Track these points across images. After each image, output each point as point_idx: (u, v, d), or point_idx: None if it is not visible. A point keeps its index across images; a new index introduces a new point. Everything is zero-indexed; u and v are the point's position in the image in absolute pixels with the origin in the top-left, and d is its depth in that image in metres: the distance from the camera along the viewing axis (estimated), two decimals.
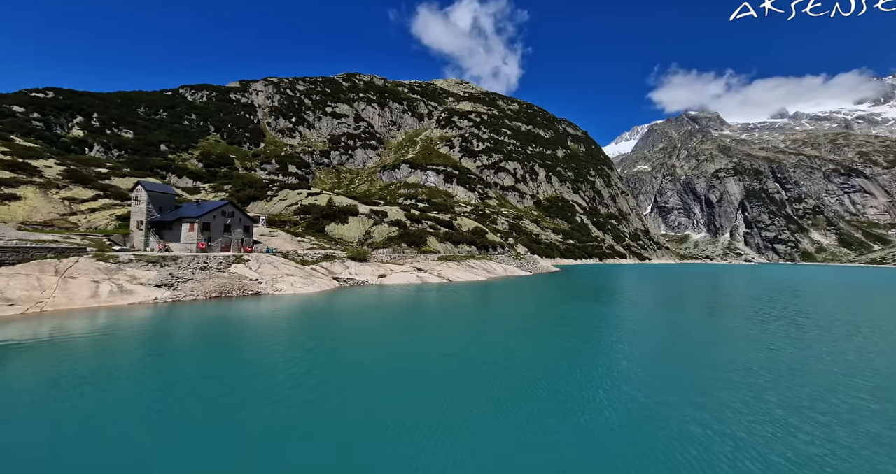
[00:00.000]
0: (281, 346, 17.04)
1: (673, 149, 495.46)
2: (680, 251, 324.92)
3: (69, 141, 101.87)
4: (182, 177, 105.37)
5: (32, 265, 25.69)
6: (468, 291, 41.09)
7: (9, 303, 21.63)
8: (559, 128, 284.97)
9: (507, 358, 16.15)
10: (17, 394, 11.01)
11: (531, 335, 21.76)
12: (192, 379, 12.68)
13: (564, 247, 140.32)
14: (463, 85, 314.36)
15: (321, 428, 9.63)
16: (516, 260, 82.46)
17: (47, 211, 40.20)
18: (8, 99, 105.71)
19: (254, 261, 37.81)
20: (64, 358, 14.32)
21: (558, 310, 30.73)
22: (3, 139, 53.13)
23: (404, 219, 73.71)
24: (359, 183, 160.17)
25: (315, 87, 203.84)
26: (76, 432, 9.08)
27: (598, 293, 44.35)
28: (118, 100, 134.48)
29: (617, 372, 14.81)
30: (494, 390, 12.43)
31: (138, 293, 26.72)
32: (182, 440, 8.89)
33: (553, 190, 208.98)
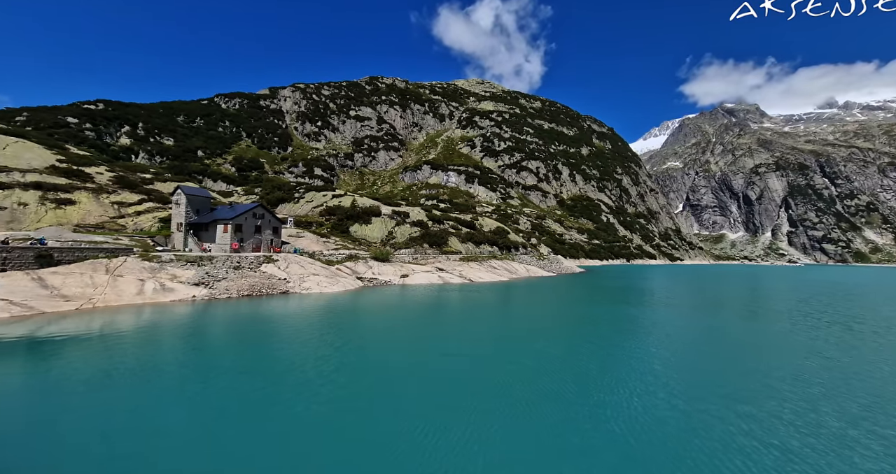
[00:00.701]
0: (310, 344, 17.53)
1: (707, 144, 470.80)
2: (715, 251, 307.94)
3: (117, 149, 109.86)
4: (217, 181, 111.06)
5: (86, 264, 27.86)
6: (490, 292, 40.76)
7: (65, 299, 23.55)
8: (583, 126, 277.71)
9: (533, 360, 15.85)
10: (73, 385, 11.93)
11: (557, 337, 21.26)
12: (230, 373, 13.27)
13: (589, 248, 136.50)
14: (484, 84, 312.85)
15: (352, 425, 9.76)
16: (539, 260, 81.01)
17: (99, 214, 43.49)
18: (63, 111, 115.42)
19: (282, 260, 39.23)
20: (114, 352, 15.41)
21: (584, 311, 29.88)
22: (60, 148, 58.07)
23: (426, 219, 74.19)
24: (381, 184, 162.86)
25: (339, 92, 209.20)
26: (125, 421, 9.72)
27: (626, 294, 42.76)
28: (160, 109, 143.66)
29: (651, 376, 14.16)
30: (523, 392, 12.20)
31: (178, 291, 28.37)
32: (221, 432, 9.30)
33: (577, 189, 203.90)
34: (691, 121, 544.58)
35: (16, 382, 12.32)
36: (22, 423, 9.61)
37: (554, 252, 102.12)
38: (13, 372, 13.14)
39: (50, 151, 53.06)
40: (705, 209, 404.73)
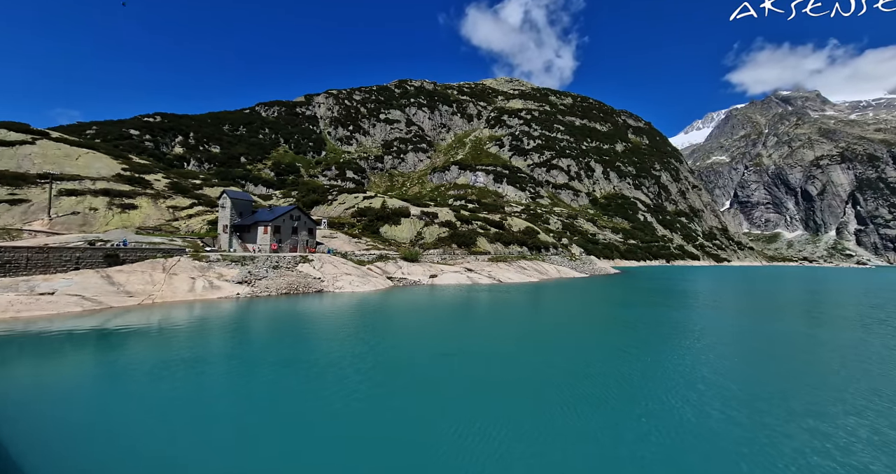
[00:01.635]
0: (347, 342, 18.13)
1: (758, 135, 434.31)
2: (768, 252, 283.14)
3: (172, 157, 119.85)
4: (257, 185, 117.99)
5: (146, 263, 30.66)
6: (520, 293, 40.14)
7: (129, 295, 26.05)
8: (618, 121, 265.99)
9: (570, 363, 15.42)
10: (136, 375, 13.19)
11: (594, 340, 20.50)
12: (273, 368, 14.07)
13: (625, 248, 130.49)
14: (513, 82, 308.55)
15: (390, 423, 9.90)
16: (570, 261, 78.62)
17: (157, 217, 47.70)
18: (126, 124, 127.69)
19: (317, 260, 40.95)
20: (171, 344, 16.85)
21: (621, 314, 28.59)
22: (124, 158, 64.34)
23: (454, 219, 74.39)
24: (410, 185, 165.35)
25: (370, 96, 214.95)
26: (183, 409, 10.61)
27: (667, 296, 40.39)
28: (208, 120, 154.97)
29: (703, 384, 13.21)
30: (562, 396, 11.82)
31: (224, 288, 30.48)
32: (268, 423, 9.86)
33: (611, 186, 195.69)
34: (740, 111, 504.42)
35: (89, 370, 13.83)
36: (95, 407, 10.78)
37: (586, 252, 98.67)
38: (86, 360, 14.76)
39: (116, 161, 58.85)
40: (756, 206, 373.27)
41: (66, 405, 10.71)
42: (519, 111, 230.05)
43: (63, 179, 46.61)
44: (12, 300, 21.65)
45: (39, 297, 22.63)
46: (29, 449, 8.09)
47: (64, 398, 11.20)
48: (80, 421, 9.75)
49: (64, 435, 8.93)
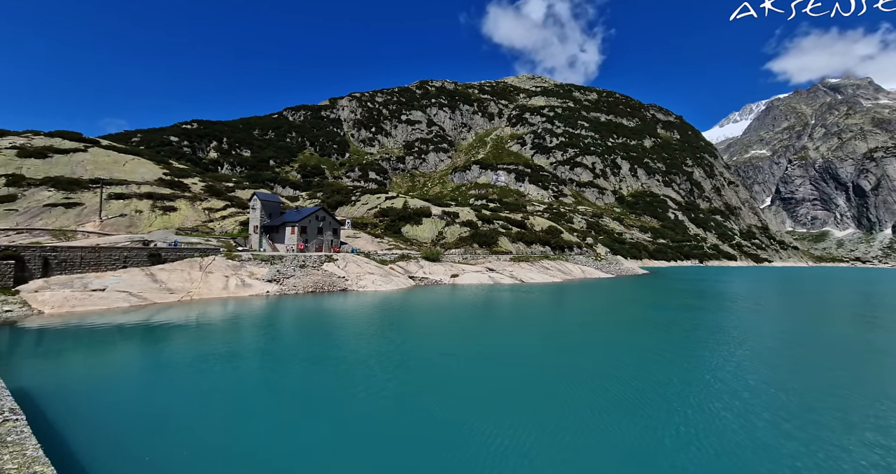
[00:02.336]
0: (373, 340, 18.44)
1: (803, 127, 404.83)
2: (815, 251, 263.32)
3: (207, 161, 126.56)
4: (285, 187, 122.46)
5: (185, 262, 32.54)
6: (544, 293, 39.43)
7: (170, 292, 27.75)
8: (646, 116, 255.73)
9: (599, 366, 14.94)
10: (179, 367, 14.04)
11: (623, 342, 19.74)
12: (303, 364, 14.56)
13: (654, 248, 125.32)
14: (535, 79, 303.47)
15: (417, 422, 9.92)
16: (595, 261, 76.39)
17: (194, 218, 50.53)
18: (167, 131, 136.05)
19: (341, 260, 42.00)
20: (208, 339, 17.81)
21: (653, 316, 27.45)
22: (165, 163, 68.64)
23: (475, 219, 74.11)
24: (431, 185, 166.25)
25: (392, 98, 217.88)
26: (220, 401, 11.19)
27: (702, 298, 38.35)
28: (240, 125, 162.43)
29: (748, 393, 12.36)
30: (594, 400, 11.44)
31: (255, 286, 31.86)
32: (301, 420, 10.18)
33: (639, 184, 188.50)
34: (782, 101, 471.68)
35: (137, 362, 14.85)
36: (143, 396, 11.56)
37: (612, 252, 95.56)
38: (134, 353, 15.86)
39: (158, 166, 62.84)
40: (801, 203, 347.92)
41: (116, 393, 11.55)
42: (541, 108, 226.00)
43: (112, 184, 50.27)
44: (68, 296, 23.60)
45: (92, 293, 24.54)
46: (84, 431, 8.79)
47: (114, 387, 12.09)
48: (129, 408, 10.49)
49: (114, 420, 9.64)
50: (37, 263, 25.61)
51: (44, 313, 21.34)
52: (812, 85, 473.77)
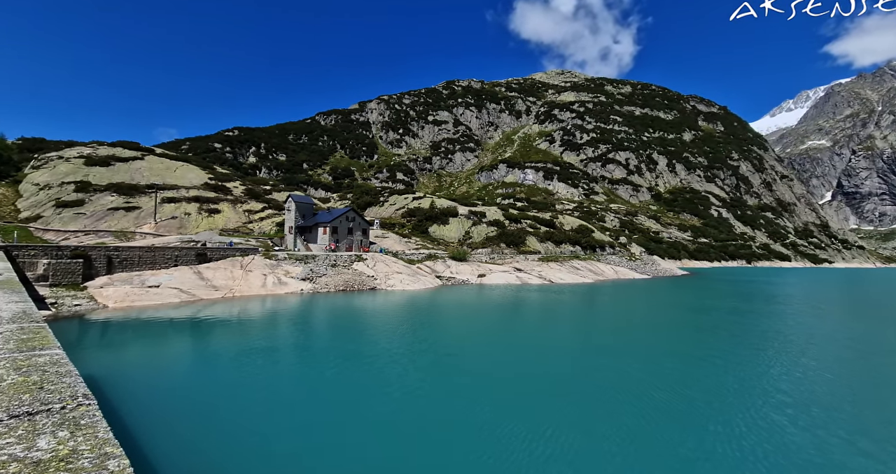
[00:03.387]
0: (405, 338, 18.70)
1: (869, 114, 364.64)
2: (883, 251, 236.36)
3: (247, 166, 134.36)
4: (317, 189, 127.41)
5: (227, 261, 34.77)
6: (574, 294, 38.31)
7: (215, 289, 29.77)
8: (685, 108, 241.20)
9: (643, 371, 14.13)
10: (223, 359, 15.07)
11: (667, 346, 18.64)
12: (337, 360, 15.11)
13: (694, 247, 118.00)
14: (564, 74, 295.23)
15: (457, 425, 9.71)
16: (629, 261, 73.11)
17: (235, 220, 53.85)
18: (211, 138, 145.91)
19: (370, 259, 43.09)
20: (250, 334, 18.96)
21: (697, 319, 25.81)
22: (210, 168, 73.67)
23: (502, 218, 73.33)
24: (458, 185, 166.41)
25: (419, 99, 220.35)
26: (260, 393, 11.91)
27: (751, 301, 35.48)
28: (276, 131, 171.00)
29: (817, 408, 10.98)
30: (640, 407, 10.70)
31: (290, 284, 33.45)
32: (336, 416, 10.57)
33: (677, 180, 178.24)
34: (844, 86, 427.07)
35: (187, 353, 16.11)
36: (194, 386, 12.54)
37: (648, 252, 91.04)
38: (185, 345, 17.20)
39: (203, 171, 67.54)
40: (867, 197, 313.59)
41: (169, 382, 12.60)
42: (571, 104, 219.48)
43: (164, 189, 54.68)
44: (128, 292, 25.97)
45: (148, 290, 26.86)
46: (143, 416, 9.68)
47: (168, 376, 13.19)
48: (181, 396, 11.41)
49: (168, 406, 10.53)
50: (102, 262, 28.40)
51: (108, 307, 23.64)
52: (878, 68, 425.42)
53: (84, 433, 1.70)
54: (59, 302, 22.80)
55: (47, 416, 1.81)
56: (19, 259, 24.54)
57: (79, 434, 1.70)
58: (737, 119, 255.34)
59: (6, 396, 2.07)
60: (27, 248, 25.80)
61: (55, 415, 1.82)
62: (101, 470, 1.43)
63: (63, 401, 1.96)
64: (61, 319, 20.35)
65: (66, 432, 1.71)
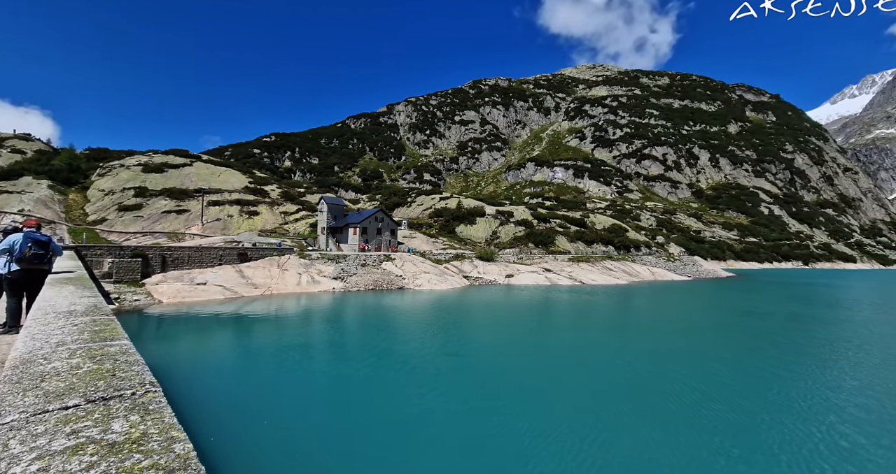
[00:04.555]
0: (437, 338, 18.69)
1: None
2: None
3: (283, 170, 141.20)
4: (347, 190, 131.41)
5: (265, 260, 36.72)
6: (608, 295, 36.85)
7: (254, 287, 31.53)
8: (730, 98, 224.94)
9: (693, 380, 13.06)
10: (265, 356, 15.93)
11: (717, 353, 17.19)
12: (371, 358, 15.44)
13: (741, 247, 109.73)
14: (595, 68, 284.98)
15: (496, 430, 9.40)
16: (667, 261, 69.26)
17: (272, 221, 56.77)
18: (251, 144, 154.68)
19: (398, 259, 43.84)
20: (287, 331, 19.93)
21: (751, 325, 23.81)
22: (249, 173, 78.23)
23: (531, 218, 72.00)
24: (485, 185, 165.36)
25: (445, 100, 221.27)
26: (299, 388, 12.50)
27: (812, 305, 32.30)
28: (309, 136, 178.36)
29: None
30: (695, 420, 9.90)
31: (323, 283, 34.75)
32: (370, 414, 10.86)
33: (721, 175, 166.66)
34: None
35: (231, 346, 17.19)
36: (238, 376, 13.38)
37: (688, 252, 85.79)
38: (229, 339, 18.37)
39: (244, 176, 71.76)
40: None
41: (216, 372, 13.52)
42: (603, 99, 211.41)
43: (210, 193, 58.66)
44: (179, 288, 28.12)
45: (196, 287, 28.93)
46: (195, 403, 10.46)
47: (215, 367, 14.15)
48: (227, 387, 12.22)
49: (216, 396, 11.30)
50: (157, 261, 30.95)
51: (162, 302, 25.72)
52: None
53: (152, 417, 1.80)
54: (121, 297, 25.11)
55: (120, 401, 2.00)
56: (87, 258, 27.27)
57: (148, 418, 1.79)
58: (791, 108, 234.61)
59: (83, 382, 2.30)
60: (94, 248, 28.62)
61: (126, 401, 2.00)
62: (168, 452, 1.53)
63: (133, 388, 2.15)
64: (123, 313, 22.39)
65: (137, 417, 1.82)
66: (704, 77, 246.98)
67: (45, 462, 1.51)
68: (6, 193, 47.49)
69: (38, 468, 1.49)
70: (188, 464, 1.49)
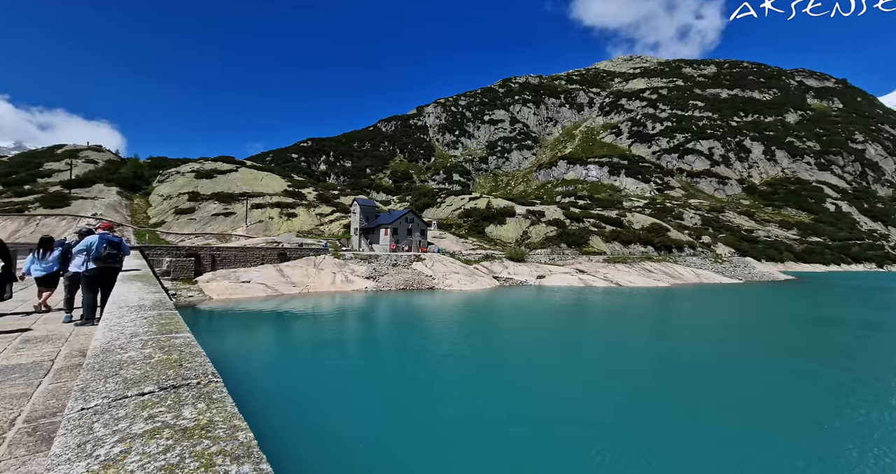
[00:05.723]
0: (471, 339, 18.65)
1: None
2: None
3: (318, 173, 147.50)
4: (379, 192, 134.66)
5: (303, 260, 38.47)
6: (648, 297, 34.93)
7: (293, 285, 33.13)
8: (788, 84, 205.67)
9: (755, 391, 11.93)
10: (299, 352, 16.72)
11: (787, 366, 15.25)
12: (406, 357, 15.76)
13: (802, 248, 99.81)
14: (633, 60, 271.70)
15: (529, 436, 9.18)
16: (715, 263, 64.44)
17: (309, 223, 59.42)
18: (289, 150, 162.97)
19: (428, 259, 44.23)
20: (324, 328, 20.76)
21: (822, 334, 21.55)
22: (288, 177, 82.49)
23: (563, 217, 69.90)
24: (515, 184, 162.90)
25: (475, 100, 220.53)
26: (334, 384, 12.99)
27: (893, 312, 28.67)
28: (343, 140, 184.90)
29: None
30: (762, 436, 9.16)
31: (356, 282, 35.83)
32: (413, 413, 11.01)
33: (778, 169, 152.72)
34: None
35: (274, 340, 18.19)
36: (282, 368, 14.13)
37: (739, 253, 79.37)
38: (271, 333, 19.45)
39: (283, 180, 75.71)
40: None
41: (262, 364, 14.35)
42: (641, 92, 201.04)
43: (253, 196, 62.49)
44: (227, 286, 30.15)
45: (241, 284, 30.89)
46: (247, 393, 11.16)
47: (260, 359, 15.03)
48: (272, 378, 12.94)
49: (264, 387, 12.00)
50: (207, 260, 33.41)
51: (212, 299, 27.72)
52: None
53: (216, 406, 1.92)
54: (177, 293, 27.36)
55: (188, 390, 2.15)
56: (150, 257, 29.98)
57: (213, 407, 1.91)
58: (860, 93, 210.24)
59: (156, 371, 2.49)
60: (155, 249, 31.42)
61: (193, 389, 2.15)
62: (233, 439, 1.61)
63: (198, 378, 2.31)
64: (179, 308, 24.36)
65: (203, 404, 1.94)
66: (757, 63, 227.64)
67: (126, 444, 1.61)
68: (82, 199, 53.41)
69: (121, 450, 1.56)
70: (251, 452, 1.54)
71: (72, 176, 61.80)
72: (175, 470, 1.40)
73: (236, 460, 1.49)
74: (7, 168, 63.98)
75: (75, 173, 63.24)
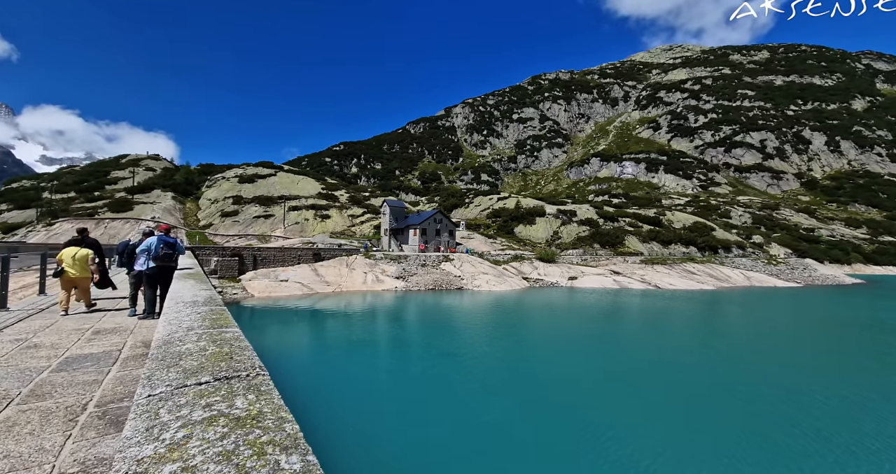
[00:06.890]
0: (503, 341, 18.44)
1: None
2: None
3: (350, 176, 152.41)
4: (407, 193, 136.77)
5: (336, 260, 39.86)
6: (692, 301, 32.77)
7: (327, 284, 34.41)
8: (854, 68, 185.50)
9: (825, 409, 10.69)
10: (333, 349, 17.31)
11: (859, 378, 13.70)
12: (437, 359, 15.69)
13: (872, 248, 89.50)
14: (672, 50, 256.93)
15: (560, 443, 9.21)
16: (768, 265, 59.30)
17: (342, 224, 61.51)
18: (323, 154, 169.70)
19: (457, 260, 44.28)
20: (356, 326, 21.40)
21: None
22: (322, 180, 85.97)
23: (596, 217, 67.38)
24: (544, 183, 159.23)
25: (503, 98, 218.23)
26: (362, 380, 13.35)
27: None
28: (373, 142, 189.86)
29: None
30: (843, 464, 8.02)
31: (386, 282, 36.60)
32: (445, 416, 11.27)
33: (842, 162, 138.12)
34: None
35: (310, 336, 19.00)
36: (317, 364, 14.73)
37: (797, 254, 72.56)
38: (306, 331, 20.33)
39: (317, 183, 78.96)
40: None
41: (298, 359, 15.04)
42: (681, 83, 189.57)
43: (290, 199, 65.69)
44: (266, 284, 31.88)
45: (280, 283, 32.54)
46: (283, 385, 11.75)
47: (297, 355, 15.75)
48: (309, 373, 13.52)
49: (302, 381, 12.57)
50: (250, 260, 35.52)
51: (254, 296, 29.43)
52: None
53: (265, 398, 2.03)
54: (223, 290, 29.31)
55: (238, 381, 2.28)
56: (199, 257, 32.36)
57: (261, 398, 2.01)
58: None
59: (210, 362, 2.67)
60: (204, 249, 33.86)
61: (243, 381, 2.28)
62: (280, 431, 1.68)
63: (247, 370, 2.45)
64: (225, 304, 26.11)
65: (253, 396, 2.05)
66: (817, 46, 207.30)
67: (188, 430, 1.73)
68: (142, 204, 58.70)
69: (183, 435, 1.68)
70: (297, 444, 1.62)
71: (134, 183, 68.17)
72: (231, 457, 1.48)
73: (285, 450, 1.55)
74: (79, 176, 71.78)
75: (137, 180, 69.70)
